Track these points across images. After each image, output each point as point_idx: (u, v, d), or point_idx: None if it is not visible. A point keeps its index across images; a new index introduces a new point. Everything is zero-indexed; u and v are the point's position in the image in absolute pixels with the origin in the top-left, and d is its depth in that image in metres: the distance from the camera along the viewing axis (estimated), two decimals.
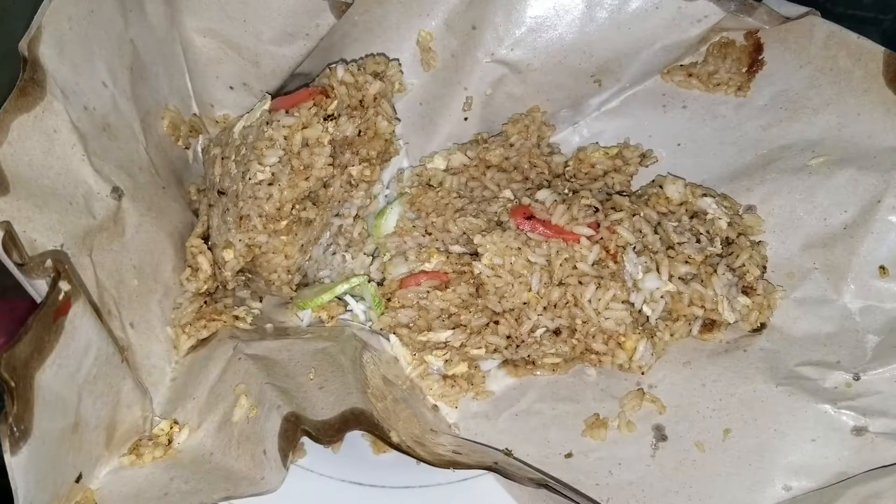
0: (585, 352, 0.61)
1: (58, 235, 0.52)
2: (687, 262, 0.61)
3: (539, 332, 0.60)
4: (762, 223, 0.64)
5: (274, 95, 0.65)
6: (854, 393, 0.55)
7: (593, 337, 0.60)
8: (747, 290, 0.62)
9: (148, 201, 0.62)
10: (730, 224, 0.63)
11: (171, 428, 0.57)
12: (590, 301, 0.58)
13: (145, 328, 0.60)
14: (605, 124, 0.72)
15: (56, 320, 0.46)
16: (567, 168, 0.70)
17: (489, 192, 0.67)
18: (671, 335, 0.61)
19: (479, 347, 0.60)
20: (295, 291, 0.66)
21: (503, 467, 0.53)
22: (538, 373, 0.63)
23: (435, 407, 0.63)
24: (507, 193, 0.66)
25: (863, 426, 0.53)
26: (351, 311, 0.67)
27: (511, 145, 0.70)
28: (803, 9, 0.62)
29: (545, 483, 0.52)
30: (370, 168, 0.67)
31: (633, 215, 0.61)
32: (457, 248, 0.63)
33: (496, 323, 0.61)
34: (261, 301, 0.68)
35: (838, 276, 0.59)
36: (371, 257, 0.70)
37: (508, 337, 0.61)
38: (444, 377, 0.63)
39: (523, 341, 0.60)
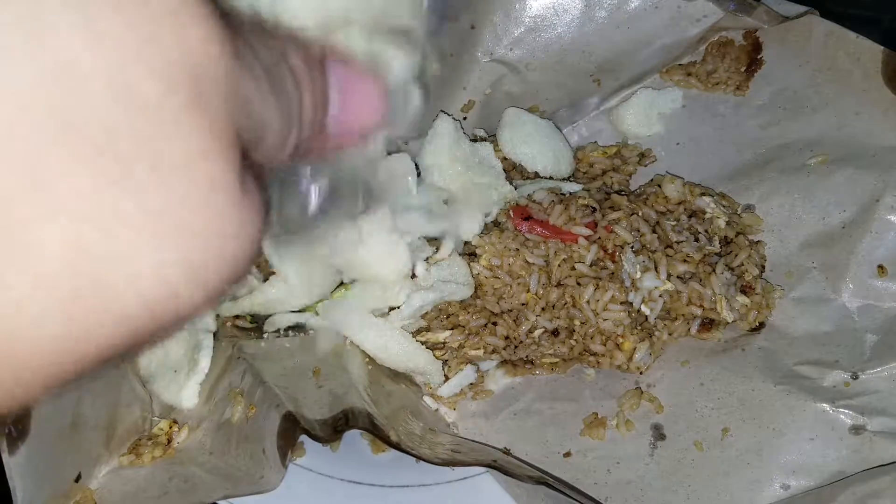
0: (584, 353, 0.61)
1: None
2: (685, 260, 0.61)
3: (537, 332, 0.60)
4: (761, 222, 0.64)
5: None
6: (852, 392, 0.55)
7: (591, 338, 0.60)
8: (746, 290, 0.62)
9: None
10: (728, 223, 0.63)
11: (171, 427, 0.57)
12: (588, 302, 0.58)
13: None
14: (603, 123, 0.72)
15: None
16: None
17: None
18: (669, 334, 0.61)
19: (478, 348, 0.60)
20: None
21: (503, 465, 0.53)
22: (537, 372, 0.63)
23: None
24: None
25: (861, 425, 0.53)
26: None
27: None
28: (802, 8, 0.62)
29: (544, 480, 0.52)
30: None
31: (631, 214, 0.61)
32: None
33: (494, 324, 0.61)
34: None
35: (837, 275, 0.59)
36: None
37: (507, 338, 0.61)
38: (444, 377, 0.63)
39: (521, 342, 0.60)
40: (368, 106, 0.23)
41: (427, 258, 0.59)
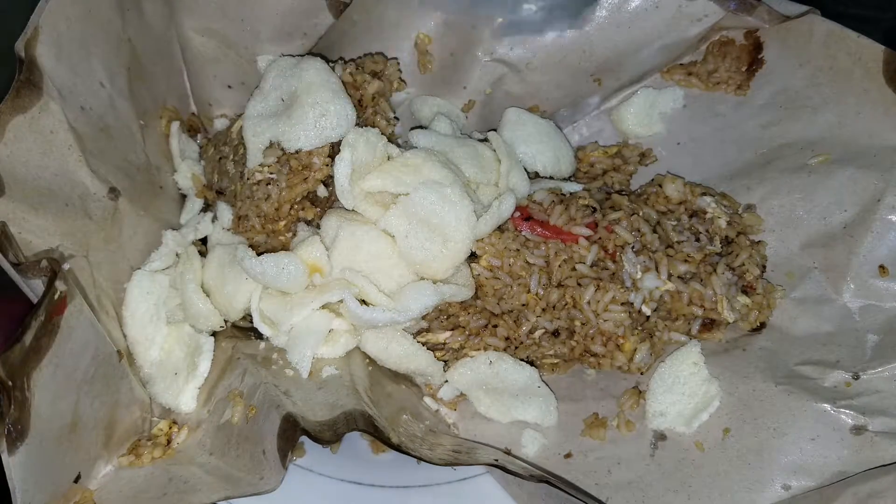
0: (584, 353, 0.61)
1: (54, 237, 0.52)
2: (686, 260, 0.60)
3: (538, 333, 0.60)
4: (762, 222, 0.63)
5: None
6: (853, 392, 0.55)
7: (592, 339, 0.60)
8: (747, 290, 0.61)
9: (145, 202, 0.62)
10: (729, 223, 0.63)
11: (170, 428, 0.57)
12: (588, 303, 0.58)
13: None
14: (604, 123, 0.72)
15: (52, 319, 0.46)
16: None
17: None
18: (670, 334, 0.61)
19: (478, 349, 0.60)
20: None
21: (504, 464, 0.53)
22: None
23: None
24: None
25: (862, 425, 0.53)
26: None
27: None
28: (803, 7, 0.62)
29: (545, 479, 0.52)
30: None
31: (632, 214, 0.61)
32: None
33: (495, 325, 0.60)
34: None
35: (838, 275, 0.59)
36: None
37: (507, 338, 0.60)
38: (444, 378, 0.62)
39: (522, 343, 0.60)
40: None
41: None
